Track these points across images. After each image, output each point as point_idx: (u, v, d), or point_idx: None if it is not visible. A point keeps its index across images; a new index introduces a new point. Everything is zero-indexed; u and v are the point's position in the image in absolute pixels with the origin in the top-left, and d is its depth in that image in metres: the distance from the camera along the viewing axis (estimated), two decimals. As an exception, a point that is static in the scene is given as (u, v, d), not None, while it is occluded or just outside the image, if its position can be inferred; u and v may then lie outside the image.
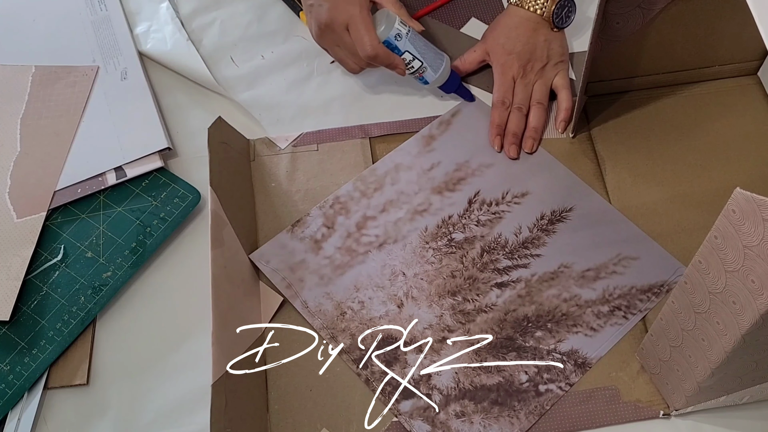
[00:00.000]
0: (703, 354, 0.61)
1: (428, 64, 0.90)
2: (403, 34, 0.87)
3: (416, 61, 0.89)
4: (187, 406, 0.79)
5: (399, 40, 0.87)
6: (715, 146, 0.91)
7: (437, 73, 0.91)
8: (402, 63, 0.89)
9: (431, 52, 0.90)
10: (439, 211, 0.88)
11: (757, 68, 0.95)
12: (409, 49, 0.88)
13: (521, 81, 0.94)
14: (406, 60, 0.89)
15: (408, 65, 0.90)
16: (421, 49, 0.89)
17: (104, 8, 1.04)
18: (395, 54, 0.88)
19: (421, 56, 0.89)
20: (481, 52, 0.96)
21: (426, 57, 0.90)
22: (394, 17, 0.88)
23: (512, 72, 0.94)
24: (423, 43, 0.90)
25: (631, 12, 0.81)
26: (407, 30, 0.88)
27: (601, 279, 0.83)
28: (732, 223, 0.49)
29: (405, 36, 0.88)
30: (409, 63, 0.89)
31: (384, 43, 0.87)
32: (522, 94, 0.93)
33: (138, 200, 0.90)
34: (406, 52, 0.88)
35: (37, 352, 0.81)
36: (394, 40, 0.87)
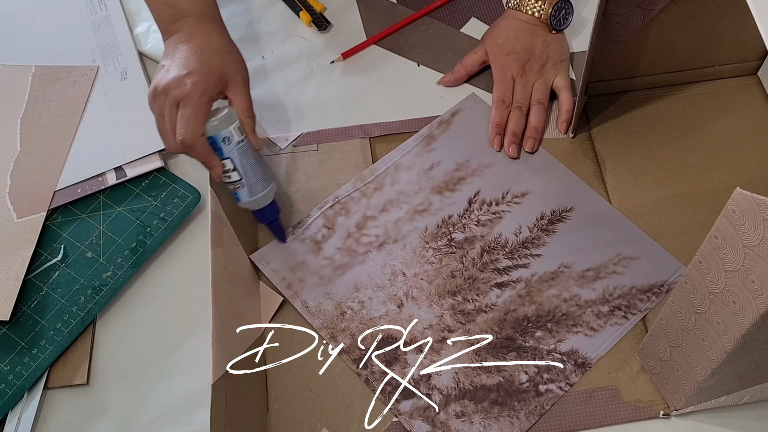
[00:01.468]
0: (703, 354, 0.61)
1: (247, 182, 0.80)
2: (233, 140, 0.78)
3: (235, 173, 0.79)
4: (187, 406, 0.79)
5: (226, 144, 0.77)
6: (715, 146, 0.91)
7: (251, 198, 0.81)
8: (220, 167, 0.78)
9: (258, 173, 0.80)
10: (439, 211, 0.88)
11: (757, 68, 0.95)
12: (233, 157, 0.78)
13: (521, 80, 0.94)
14: (225, 167, 0.78)
15: (225, 173, 0.79)
16: (246, 166, 0.79)
17: (104, 8, 1.04)
18: (216, 155, 0.78)
19: (242, 171, 0.79)
20: (481, 53, 0.97)
21: (248, 175, 0.79)
22: (234, 119, 0.78)
23: (511, 71, 0.94)
24: (253, 161, 0.80)
25: (631, 12, 0.81)
26: (241, 140, 0.78)
27: (601, 279, 0.83)
28: (732, 223, 0.49)
29: (235, 144, 0.78)
30: (227, 172, 0.79)
31: (209, 139, 0.77)
32: (522, 93, 0.93)
33: (138, 200, 0.90)
34: (228, 160, 0.78)
35: (37, 352, 0.81)
36: (221, 141, 0.77)
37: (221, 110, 0.78)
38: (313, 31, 1.04)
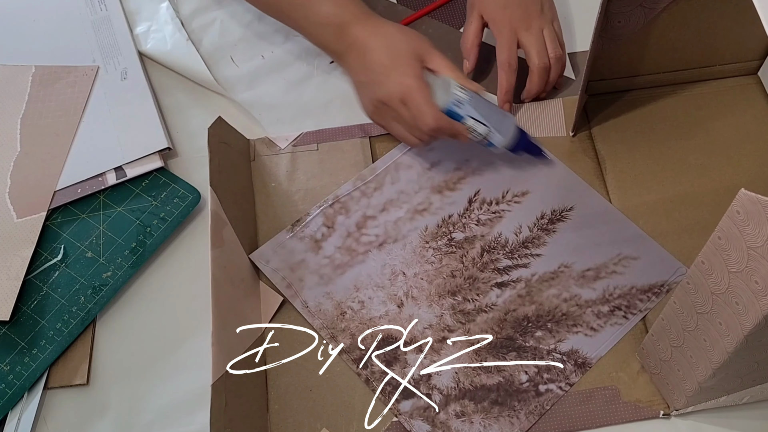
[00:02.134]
0: (704, 354, 0.61)
1: (494, 126, 0.81)
2: (464, 100, 0.80)
3: (480, 125, 0.81)
4: (187, 406, 0.79)
5: (460, 107, 0.79)
6: (716, 146, 0.91)
7: (504, 135, 0.82)
8: (465, 131, 0.81)
9: (495, 113, 0.82)
10: (439, 211, 0.88)
11: (757, 68, 0.95)
12: (472, 113, 0.80)
13: (528, 34, 0.89)
14: (469, 126, 0.81)
15: (472, 131, 0.81)
16: (484, 112, 0.81)
17: (104, 8, 1.04)
18: (458, 122, 0.80)
19: (485, 120, 0.81)
20: (476, 19, 0.93)
21: (490, 120, 0.81)
22: (449, 82, 0.80)
23: (514, 26, 0.89)
24: (486, 105, 0.82)
25: (633, 11, 0.81)
26: (467, 94, 0.80)
27: (601, 279, 0.83)
28: (736, 224, 0.49)
29: (466, 101, 0.80)
30: (473, 129, 0.81)
31: (445, 112, 0.79)
32: (537, 45, 0.89)
33: (138, 200, 0.90)
34: (469, 118, 0.80)
35: (37, 352, 0.81)
36: (455, 107, 0.79)
37: (433, 82, 0.80)
38: (313, 30, 1.04)
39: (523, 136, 0.85)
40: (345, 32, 0.82)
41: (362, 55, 0.81)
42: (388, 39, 0.81)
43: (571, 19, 1.03)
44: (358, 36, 0.82)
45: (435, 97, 0.79)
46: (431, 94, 0.79)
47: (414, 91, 0.78)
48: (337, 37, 0.83)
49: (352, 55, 0.83)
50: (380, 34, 0.82)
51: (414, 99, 0.78)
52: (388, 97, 0.79)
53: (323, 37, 0.84)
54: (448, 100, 0.79)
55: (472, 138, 0.82)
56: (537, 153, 0.87)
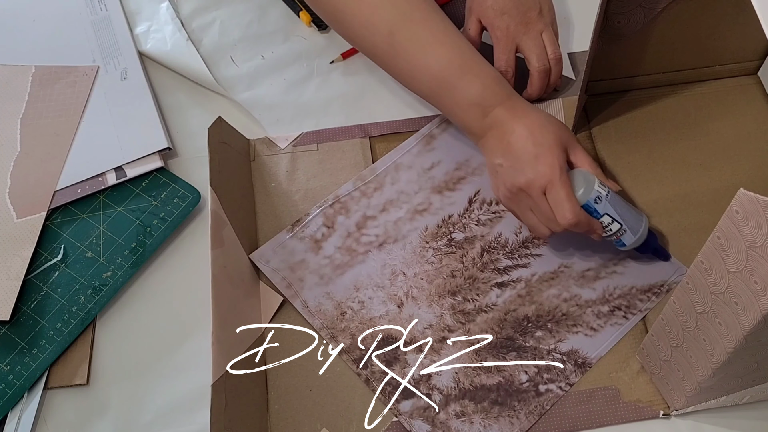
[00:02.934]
0: (704, 354, 0.61)
1: (627, 226, 0.79)
2: (603, 197, 0.77)
3: (615, 223, 0.78)
4: (187, 406, 0.79)
5: (599, 203, 0.77)
6: (716, 146, 0.91)
7: (636, 235, 0.79)
8: (600, 228, 0.78)
9: (630, 213, 0.79)
10: (439, 211, 0.88)
11: (757, 68, 0.95)
12: (609, 211, 0.78)
13: (527, 38, 0.90)
14: (604, 223, 0.78)
15: (605, 228, 0.79)
16: (621, 211, 0.78)
17: (104, 8, 1.04)
18: (594, 218, 0.78)
19: (620, 218, 0.78)
20: (474, 23, 0.93)
21: (626, 219, 0.78)
22: (593, 179, 0.77)
23: (511, 33, 0.89)
24: (623, 204, 0.79)
25: (633, 11, 0.81)
26: (607, 191, 0.78)
27: (601, 279, 0.83)
28: (735, 224, 0.49)
29: (605, 198, 0.77)
30: (607, 226, 0.78)
31: (583, 206, 0.77)
32: (536, 49, 0.90)
33: (138, 200, 0.90)
34: (606, 215, 0.78)
35: (37, 352, 0.81)
36: (594, 203, 0.77)
37: (575, 176, 0.78)
38: (313, 31, 1.04)
39: (652, 238, 0.82)
40: (488, 113, 0.80)
41: (504, 138, 0.78)
42: (534, 125, 0.78)
43: (570, 19, 1.03)
44: (502, 119, 0.79)
45: (576, 191, 0.77)
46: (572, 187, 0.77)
47: (557, 184, 0.75)
48: (480, 117, 0.80)
49: (493, 137, 0.80)
50: (526, 119, 0.79)
51: (557, 191, 0.75)
52: (528, 185, 0.76)
53: (466, 117, 0.81)
54: (589, 196, 0.77)
55: (604, 235, 0.79)
56: (664, 257, 0.84)
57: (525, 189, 0.76)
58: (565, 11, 1.04)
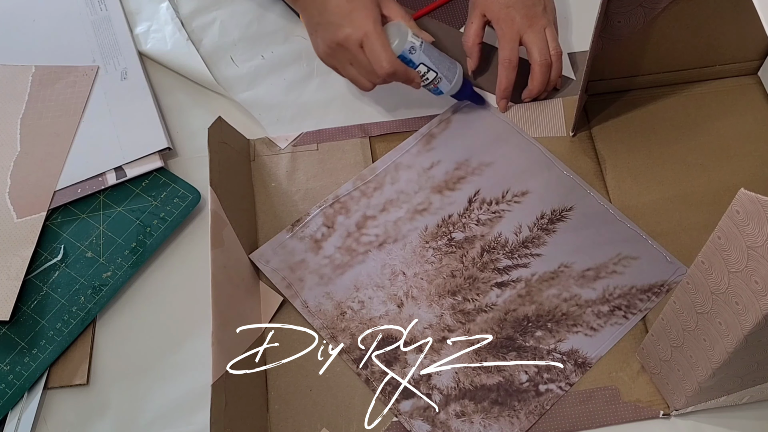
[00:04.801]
0: (704, 354, 0.61)
1: (443, 74, 0.86)
2: (417, 47, 0.84)
3: (431, 72, 0.85)
4: (187, 406, 0.79)
5: (413, 53, 0.84)
6: (716, 146, 0.91)
7: (452, 83, 0.87)
8: (418, 77, 0.85)
9: (445, 61, 0.87)
10: (439, 211, 0.88)
11: (757, 68, 0.95)
12: (424, 60, 0.84)
13: (531, 31, 0.90)
14: (420, 72, 0.85)
15: (422, 77, 0.86)
16: (435, 60, 0.85)
17: (104, 8, 1.04)
18: (411, 68, 0.84)
19: (435, 67, 0.85)
20: (478, 18, 0.93)
21: (440, 67, 0.86)
22: (407, 30, 0.84)
23: (516, 25, 0.90)
24: (436, 53, 0.86)
25: (633, 11, 0.81)
26: (420, 42, 0.84)
27: (601, 278, 0.83)
28: (736, 224, 0.49)
29: (419, 48, 0.84)
30: (423, 75, 0.86)
31: (399, 57, 0.83)
32: (540, 43, 0.90)
33: (138, 200, 0.90)
34: (421, 65, 0.85)
35: (37, 352, 0.81)
36: (408, 53, 0.83)
37: (389, 28, 0.83)
38: (313, 30, 1.04)
39: (468, 85, 0.90)
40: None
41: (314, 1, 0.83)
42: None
43: (571, 19, 1.03)
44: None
45: (391, 42, 0.82)
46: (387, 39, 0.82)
47: (372, 35, 0.80)
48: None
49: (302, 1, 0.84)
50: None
51: (372, 43, 0.80)
52: (346, 39, 0.81)
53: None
54: (403, 47, 0.83)
55: (423, 85, 0.86)
56: (479, 102, 0.92)
57: (342, 43, 0.81)
58: (565, 11, 1.04)
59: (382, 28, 0.82)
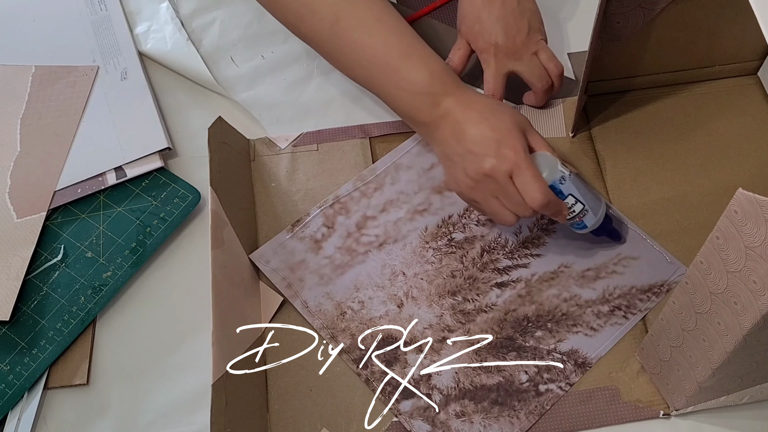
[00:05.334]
0: (703, 354, 0.61)
1: (589, 206, 0.78)
2: (567, 177, 0.77)
3: (578, 204, 0.78)
4: (187, 406, 0.79)
5: (563, 184, 0.77)
6: (715, 146, 0.91)
7: (597, 215, 0.79)
8: (566, 209, 0.78)
9: (590, 193, 0.79)
10: (439, 211, 0.88)
11: (757, 68, 0.95)
12: (573, 192, 0.77)
13: (520, 63, 0.89)
14: (568, 204, 0.78)
15: (570, 209, 0.78)
16: (583, 192, 0.78)
17: (104, 8, 1.04)
18: (560, 199, 0.77)
19: (583, 199, 0.78)
20: (463, 45, 0.92)
21: (587, 199, 0.78)
22: (556, 160, 0.77)
23: (500, 58, 0.88)
24: (583, 185, 0.79)
25: (632, 11, 0.81)
26: (569, 172, 0.78)
27: (601, 279, 0.83)
28: (734, 224, 0.49)
29: (568, 178, 0.77)
30: (571, 207, 0.78)
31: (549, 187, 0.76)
32: (536, 71, 0.89)
33: (138, 200, 0.90)
34: (570, 196, 0.77)
35: (37, 352, 0.81)
36: (559, 183, 0.77)
37: (537, 159, 0.76)
38: (313, 30, 1.04)
39: (608, 220, 0.82)
40: (439, 104, 0.78)
41: (459, 126, 0.76)
42: (487, 111, 0.77)
43: (570, 19, 1.03)
44: (453, 108, 0.77)
45: (542, 172, 0.76)
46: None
47: (523, 166, 0.73)
48: (430, 107, 0.78)
49: (446, 127, 0.77)
50: (478, 104, 0.77)
51: (524, 173, 0.73)
52: (493, 170, 0.73)
53: (413, 105, 0.79)
54: (554, 176, 0.76)
55: (568, 217, 0.79)
56: (617, 238, 0.85)
57: (491, 174, 0.74)
58: (565, 11, 1.04)
59: (531, 159, 0.75)
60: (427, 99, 0.78)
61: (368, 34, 0.79)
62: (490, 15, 0.87)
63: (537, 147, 0.78)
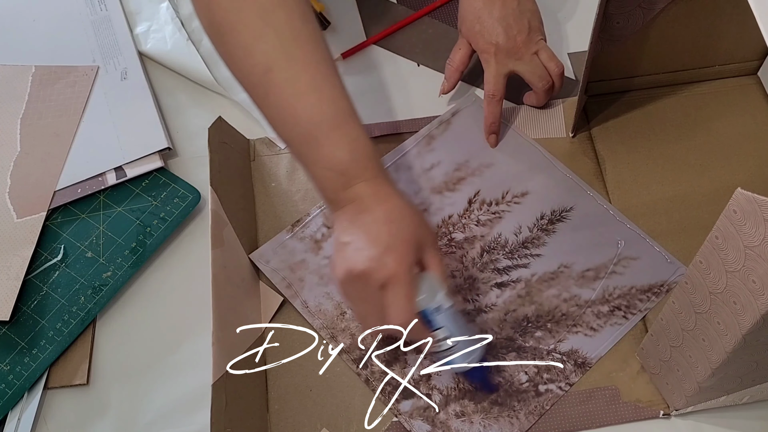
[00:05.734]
0: (703, 354, 0.61)
1: (460, 348, 0.71)
2: (444, 308, 0.71)
3: (448, 341, 0.71)
4: (187, 406, 0.79)
5: (437, 313, 0.71)
6: (715, 146, 0.91)
7: (467, 360, 0.72)
8: (432, 341, 0.71)
9: (468, 333, 0.72)
10: (438, 211, 0.88)
11: (757, 68, 0.95)
12: (447, 325, 0.71)
13: (520, 63, 0.89)
14: (437, 336, 0.71)
15: (437, 342, 0.71)
16: (459, 329, 0.72)
17: (104, 8, 1.04)
18: (427, 328, 0.71)
19: (455, 337, 0.71)
20: (465, 46, 0.92)
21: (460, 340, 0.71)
22: (439, 287, 0.71)
23: (500, 58, 0.88)
24: (462, 323, 0.74)
25: (632, 11, 0.81)
26: (450, 305, 0.71)
27: (601, 279, 0.83)
28: (733, 224, 0.49)
29: (445, 310, 0.71)
30: (439, 340, 0.71)
31: (420, 313, 0.70)
32: (537, 70, 0.88)
33: (138, 200, 0.90)
34: (442, 329, 0.71)
35: (37, 352, 0.81)
36: (431, 313, 0.71)
37: (422, 279, 0.70)
38: (313, 30, 1.04)
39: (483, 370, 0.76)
40: (351, 186, 0.71)
41: (360, 217, 0.70)
42: (395, 214, 0.70)
43: (570, 20, 1.03)
44: (363, 195, 0.71)
45: (419, 294, 0.70)
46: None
47: (401, 281, 0.67)
48: (340, 188, 0.71)
49: (349, 213, 0.71)
50: (388, 203, 0.71)
51: (397, 291, 0.67)
52: (369, 274, 0.67)
53: (327, 182, 0.72)
54: (428, 303, 0.70)
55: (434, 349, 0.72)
56: (490, 389, 0.78)
57: (364, 277, 0.68)
58: (565, 11, 1.04)
59: (413, 276, 0.69)
60: (341, 179, 0.71)
61: (297, 97, 0.71)
62: (490, 15, 0.87)
63: (431, 267, 0.71)
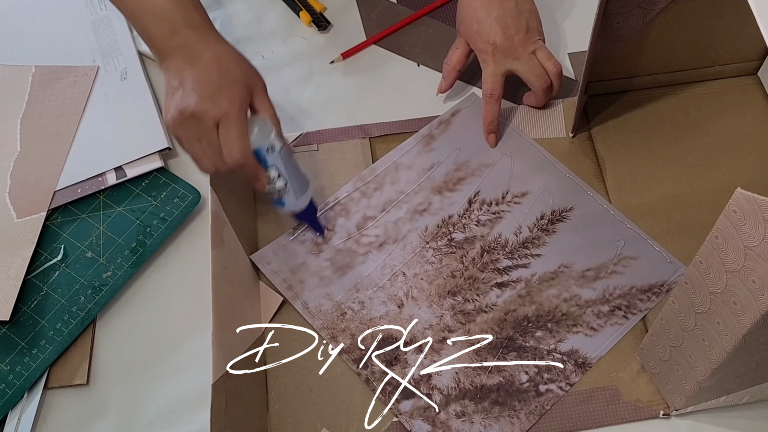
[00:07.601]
0: (703, 354, 0.61)
1: (292, 186, 0.79)
2: (276, 149, 0.76)
3: (281, 179, 0.78)
4: (187, 406, 0.79)
5: (270, 153, 0.76)
6: (715, 146, 0.91)
7: (298, 199, 0.80)
8: (265, 178, 0.77)
9: (298, 176, 0.80)
10: (439, 211, 0.88)
11: (757, 68, 0.95)
12: (278, 165, 0.77)
13: (518, 62, 0.89)
14: (270, 176, 0.77)
15: (270, 181, 0.78)
16: (290, 170, 0.78)
17: (104, 8, 1.04)
18: (261, 167, 0.76)
19: (287, 177, 0.78)
20: (462, 45, 0.92)
21: (292, 179, 0.79)
22: (271, 128, 0.76)
23: (498, 58, 0.88)
24: (293, 165, 0.79)
25: (632, 12, 0.81)
26: (281, 146, 0.77)
27: (601, 279, 0.83)
28: (733, 224, 0.49)
29: (277, 151, 0.76)
30: (272, 180, 0.77)
31: (254, 152, 0.75)
32: (535, 70, 0.89)
33: (138, 200, 0.90)
34: (273, 168, 0.77)
35: (37, 352, 0.81)
36: (265, 152, 0.76)
37: (253, 120, 0.76)
38: (313, 31, 1.04)
39: (312, 209, 0.84)
40: (177, 32, 0.74)
41: (190, 61, 0.74)
42: (223, 57, 0.75)
43: (570, 20, 1.03)
44: (191, 41, 0.75)
45: (250, 133, 0.74)
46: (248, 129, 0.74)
47: (233, 119, 0.72)
48: (168, 35, 0.74)
49: (177, 58, 0.74)
50: (217, 47, 0.76)
51: (231, 127, 0.72)
52: (202, 113, 0.71)
53: (152, 29, 0.75)
54: (261, 142, 0.75)
55: (267, 189, 0.78)
56: (319, 231, 0.86)
57: (197, 116, 0.71)
58: (565, 11, 1.04)
59: (246, 115, 0.74)
60: (168, 26, 0.74)
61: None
62: (488, 15, 0.87)
63: (262, 112, 0.77)
